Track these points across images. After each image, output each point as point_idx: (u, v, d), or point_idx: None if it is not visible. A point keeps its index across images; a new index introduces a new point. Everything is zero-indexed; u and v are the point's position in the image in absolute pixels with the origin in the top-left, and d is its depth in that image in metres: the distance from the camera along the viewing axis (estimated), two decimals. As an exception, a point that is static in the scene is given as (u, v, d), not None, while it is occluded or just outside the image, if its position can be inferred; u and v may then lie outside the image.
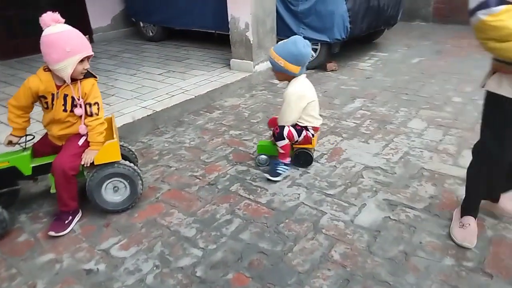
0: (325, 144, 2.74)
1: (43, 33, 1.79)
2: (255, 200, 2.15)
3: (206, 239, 1.86)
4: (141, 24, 6.24)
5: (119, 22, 6.74)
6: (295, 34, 4.41)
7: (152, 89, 3.80)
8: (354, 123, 3.08)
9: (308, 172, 2.39)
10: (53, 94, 1.91)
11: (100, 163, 1.97)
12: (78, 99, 1.91)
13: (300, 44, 2.17)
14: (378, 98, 3.59)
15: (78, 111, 1.92)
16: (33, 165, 1.98)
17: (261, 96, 3.83)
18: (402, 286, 1.54)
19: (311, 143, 2.38)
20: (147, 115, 3.17)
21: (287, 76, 2.27)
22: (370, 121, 3.09)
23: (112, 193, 2.06)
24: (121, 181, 2.04)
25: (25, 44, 5.32)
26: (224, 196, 2.20)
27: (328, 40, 4.26)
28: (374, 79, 4.16)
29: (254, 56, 4.22)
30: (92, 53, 1.90)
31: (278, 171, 2.33)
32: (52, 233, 1.90)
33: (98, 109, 1.96)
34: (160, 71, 4.44)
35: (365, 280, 1.57)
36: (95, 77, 2.01)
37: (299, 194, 2.18)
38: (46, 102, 1.93)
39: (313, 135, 2.36)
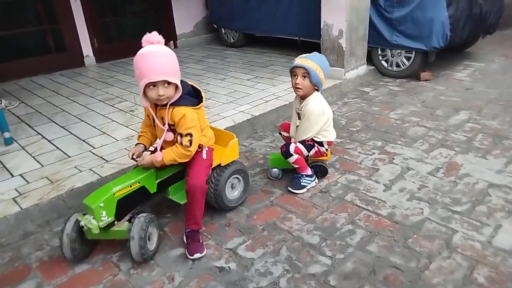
0: (438, 157, 2.60)
1: None
2: (374, 212, 2.08)
3: (332, 248, 1.83)
4: (223, 30, 6.45)
5: (201, 28, 7.02)
6: (388, 41, 4.32)
7: (245, 94, 3.88)
8: (465, 136, 2.89)
9: (426, 186, 2.28)
10: (153, 114, 1.85)
11: (226, 163, 2.05)
12: (166, 124, 1.80)
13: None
14: (485, 111, 3.35)
15: (167, 135, 1.83)
16: (158, 181, 1.92)
17: (354, 104, 3.76)
18: None
19: (324, 156, 2.35)
20: (247, 119, 3.25)
21: (311, 90, 2.23)
22: (482, 135, 2.89)
23: (231, 190, 2.14)
24: (236, 177, 2.14)
25: (118, 47, 5.70)
26: (340, 205, 2.16)
27: (425, 48, 4.07)
28: (476, 91, 3.89)
29: (345, 63, 4.16)
30: (154, 79, 1.64)
31: (302, 183, 2.30)
32: (197, 255, 1.80)
33: (190, 141, 1.78)
34: (248, 76, 4.54)
35: (523, 309, 1.45)
36: (197, 103, 1.84)
37: (421, 209, 2.08)
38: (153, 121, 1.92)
39: (326, 149, 2.33)
